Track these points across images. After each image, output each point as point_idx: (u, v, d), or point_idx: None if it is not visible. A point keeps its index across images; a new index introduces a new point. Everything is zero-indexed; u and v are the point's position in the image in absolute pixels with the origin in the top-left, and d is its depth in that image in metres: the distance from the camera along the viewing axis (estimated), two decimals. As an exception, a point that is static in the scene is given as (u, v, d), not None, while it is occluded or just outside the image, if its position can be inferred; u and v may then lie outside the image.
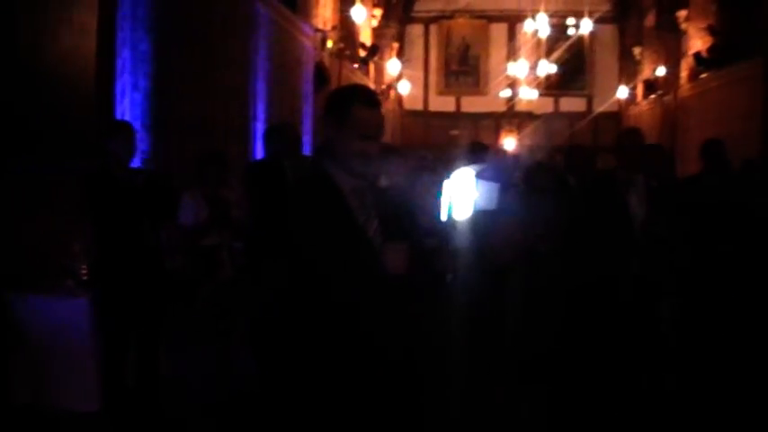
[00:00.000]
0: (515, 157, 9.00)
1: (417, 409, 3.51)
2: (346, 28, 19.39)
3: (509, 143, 26.96)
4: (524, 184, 8.02)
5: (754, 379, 6.82)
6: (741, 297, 7.32)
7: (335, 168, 3.45)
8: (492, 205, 5.98)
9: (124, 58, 8.61)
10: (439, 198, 5.34)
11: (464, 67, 29.69)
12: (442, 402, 5.12)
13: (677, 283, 7.06)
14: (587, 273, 6.36)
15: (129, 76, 8.71)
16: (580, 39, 26.69)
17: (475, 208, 5.54)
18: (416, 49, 29.35)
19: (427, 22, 29.36)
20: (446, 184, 5.30)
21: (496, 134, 28.08)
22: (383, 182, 3.65)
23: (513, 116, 28.62)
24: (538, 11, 21.84)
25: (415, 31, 29.45)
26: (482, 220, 5.79)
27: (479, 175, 6.00)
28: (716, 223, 7.31)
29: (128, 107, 8.67)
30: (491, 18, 28.99)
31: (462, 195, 5.15)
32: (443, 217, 5.06)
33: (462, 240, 5.42)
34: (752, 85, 16.27)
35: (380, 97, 3.59)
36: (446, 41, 29.68)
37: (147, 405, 6.69)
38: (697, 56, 19.45)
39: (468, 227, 5.46)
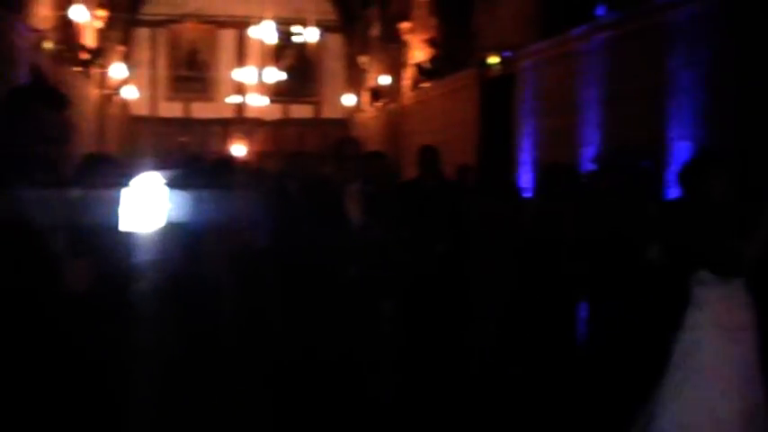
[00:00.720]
0: (219, 161, 8.85)
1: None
2: (67, 29, 18.50)
3: (238, 150, 26.85)
4: (243, 190, 7.92)
5: (479, 374, 7.09)
6: (458, 295, 7.60)
7: (16, 175, 3.16)
8: (186, 216, 5.76)
9: None
10: (131, 209, 5.05)
11: (193, 73, 29.23)
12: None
13: (397, 283, 7.21)
14: (306, 276, 6.36)
15: None
16: (308, 46, 27.02)
17: (167, 219, 5.31)
18: (144, 54, 28.56)
19: (155, 26, 28.66)
20: (132, 193, 5.01)
21: (226, 141, 27.89)
22: (77, 191, 3.38)
23: (242, 123, 28.53)
24: (265, 17, 21.85)
25: (143, 34, 28.66)
26: (174, 232, 5.58)
27: (172, 184, 5.78)
28: (432, 225, 7.54)
29: None
30: (220, 23, 28.73)
31: (152, 205, 4.90)
32: (133, 229, 4.79)
33: (152, 254, 5.19)
34: (468, 94, 17.08)
35: (69, 98, 3.33)
36: (174, 46, 29.12)
37: None
38: (419, 66, 20.18)
39: (159, 240, 5.24)
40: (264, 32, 22.04)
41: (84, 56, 20.37)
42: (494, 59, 15.51)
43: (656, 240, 5.03)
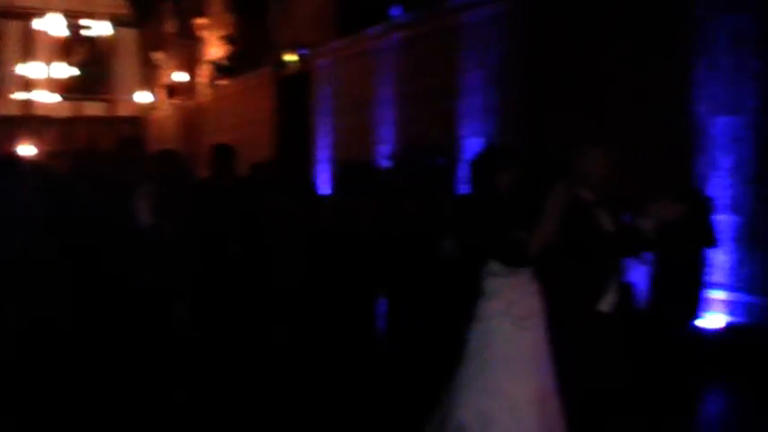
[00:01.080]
0: (2, 161, 8.45)
1: None
2: None
3: (27, 149, 25.69)
4: (29, 191, 7.57)
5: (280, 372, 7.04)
6: (255, 294, 7.54)
7: None
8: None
9: None
10: None
11: (-25, 67, 27.72)
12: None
13: (189, 284, 7.08)
14: (96, 279, 6.17)
15: None
16: (100, 41, 26.18)
17: None
18: None
19: (-73, 15, 26.96)
20: None
21: (13, 140, 26.57)
22: None
23: (30, 121, 27.29)
24: (52, 9, 20.98)
25: None
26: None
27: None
28: (225, 225, 7.43)
29: None
30: (4, 14, 27.32)
31: None
32: None
33: None
34: (265, 92, 17.03)
35: None
36: (-47, 38, 27.51)
37: None
38: (215, 63, 19.97)
39: None
40: (52, 25, 21.13)
41: None
42: (290, 57, 15.53)
43: (450, 235, 5.13)
